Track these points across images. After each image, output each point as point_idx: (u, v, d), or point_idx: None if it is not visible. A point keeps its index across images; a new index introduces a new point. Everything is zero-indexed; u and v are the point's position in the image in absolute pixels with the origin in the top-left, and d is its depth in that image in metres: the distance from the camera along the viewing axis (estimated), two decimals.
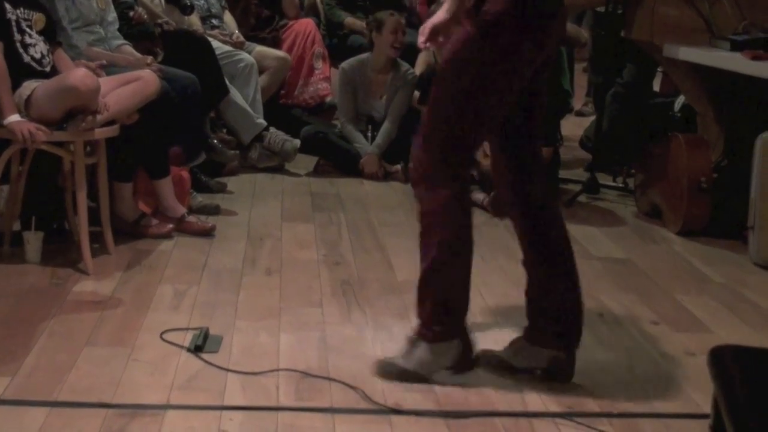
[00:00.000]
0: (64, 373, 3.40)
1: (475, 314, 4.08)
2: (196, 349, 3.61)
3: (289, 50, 7.49)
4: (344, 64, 6.96)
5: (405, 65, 6.92)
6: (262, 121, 6.65)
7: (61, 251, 4.68)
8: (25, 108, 4.39)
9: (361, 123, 6.83)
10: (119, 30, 5.42)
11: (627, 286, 4.65)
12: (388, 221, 5.55)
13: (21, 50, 4.49)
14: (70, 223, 4.83)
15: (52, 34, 4.71)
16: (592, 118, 7.39)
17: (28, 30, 4.55)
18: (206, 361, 3.53)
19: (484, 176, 5.87)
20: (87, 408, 3.16)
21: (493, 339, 3.80)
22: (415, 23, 8.17)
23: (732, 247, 5.26)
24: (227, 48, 6.71)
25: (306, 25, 7.65)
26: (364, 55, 6.91)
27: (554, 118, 6.49)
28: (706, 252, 5.21)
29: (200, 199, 5.59)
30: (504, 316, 4.10)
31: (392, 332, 3.89)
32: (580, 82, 8.80)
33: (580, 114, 8.85)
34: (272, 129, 6.65)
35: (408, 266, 4.71)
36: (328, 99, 7.52)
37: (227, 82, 6.41)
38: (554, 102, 6.13)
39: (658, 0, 5.60)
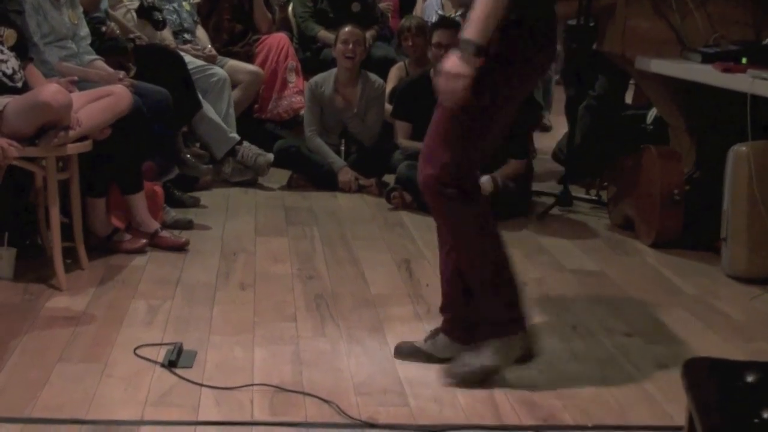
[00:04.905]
0: (37, 389, 3.37)
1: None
2: (170, 365, 3.60)
3: (262, 64, 7.50)
4: (311, 80, 6.97)
5: (373, 77, 6.90)
6: (235, 135, 6.64)
7: (34, 267, 4.65)
8: None
9: (334, 137, 6.83)
10: (91, 45, 5.41)
11: (600, 298, 4.66)
12: (361, 235, 5.55)
13: None
14: (43, 239, 4.81)
15: (23, 50, 4.69)
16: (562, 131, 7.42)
17: None
18: (180, 377, 3.52)
19: None
20: (60, 425, 3.14)
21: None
22: (387, 36, 8.19)
23: (704, 258, 5.28)
24: (200, 62, 6.71)
25: (279, 39, 7.65)
26: (332, 70, 6.91)
27: (526, 130, 6.50)
28: (678, 264, 5.23)
29: (173, 213, 5.57)
30: None
31: (366, 346, 3.89)
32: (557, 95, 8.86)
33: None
34: (245, 143, 6.65)
35: (381, 280, 4.72)
36: (302, 113, 7.52)
37: (200, 96, 6.40)
38: (526, 114, 6.15)
39: (630, 12, 5.63)
